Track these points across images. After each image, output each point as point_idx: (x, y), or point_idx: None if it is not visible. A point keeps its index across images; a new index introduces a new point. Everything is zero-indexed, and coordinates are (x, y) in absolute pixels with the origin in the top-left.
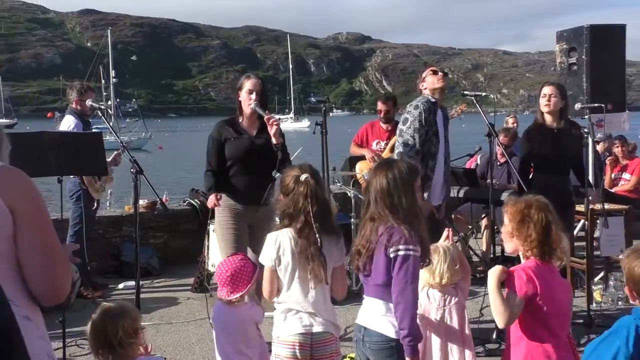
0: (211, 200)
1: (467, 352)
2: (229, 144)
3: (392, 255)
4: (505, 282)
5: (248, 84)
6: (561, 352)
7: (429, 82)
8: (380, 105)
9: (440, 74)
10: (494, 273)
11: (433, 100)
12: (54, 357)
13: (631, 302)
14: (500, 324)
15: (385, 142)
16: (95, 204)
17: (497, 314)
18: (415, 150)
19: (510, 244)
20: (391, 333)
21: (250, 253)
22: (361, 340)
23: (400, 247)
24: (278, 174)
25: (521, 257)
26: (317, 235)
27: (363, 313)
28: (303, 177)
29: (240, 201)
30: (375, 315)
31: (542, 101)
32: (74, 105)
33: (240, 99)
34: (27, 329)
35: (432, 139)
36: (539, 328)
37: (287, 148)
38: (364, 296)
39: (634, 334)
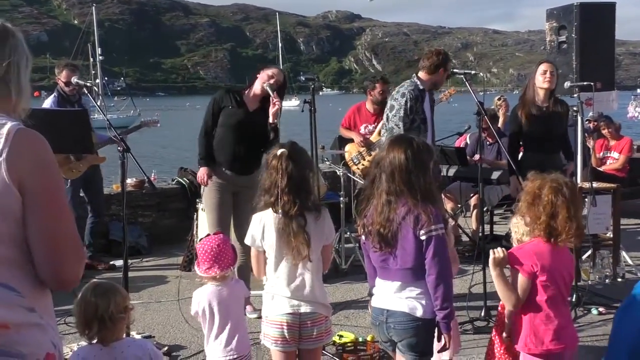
0: (202, 176)
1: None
2: (226, 110)
3: (423, 237)
4: (510, 261)
5: (273, 70)
6: (562, 322)
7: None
8: (381, 87)
9: None
10: (495, 260)
11: (421, 87)
12: (60, 344)
13: None
14: (509, 307)
15: (373, 125)
16: (70, 183)
17: (505, 298)
18: None
19: (521, 220)
20: (416, 312)
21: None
22: (384, 322)
23: (432, 227)
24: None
25: (530, 234)
26: (297, 210)
27: (383, 296)
28: (279, 152)
29: (226, 167)
30: (400, 297)
31: (542, 78)
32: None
33: (258, 76)
34: (29, 319)
35: (420, 126)
36: (542, 303)
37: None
38: (379, 279)
39: None
